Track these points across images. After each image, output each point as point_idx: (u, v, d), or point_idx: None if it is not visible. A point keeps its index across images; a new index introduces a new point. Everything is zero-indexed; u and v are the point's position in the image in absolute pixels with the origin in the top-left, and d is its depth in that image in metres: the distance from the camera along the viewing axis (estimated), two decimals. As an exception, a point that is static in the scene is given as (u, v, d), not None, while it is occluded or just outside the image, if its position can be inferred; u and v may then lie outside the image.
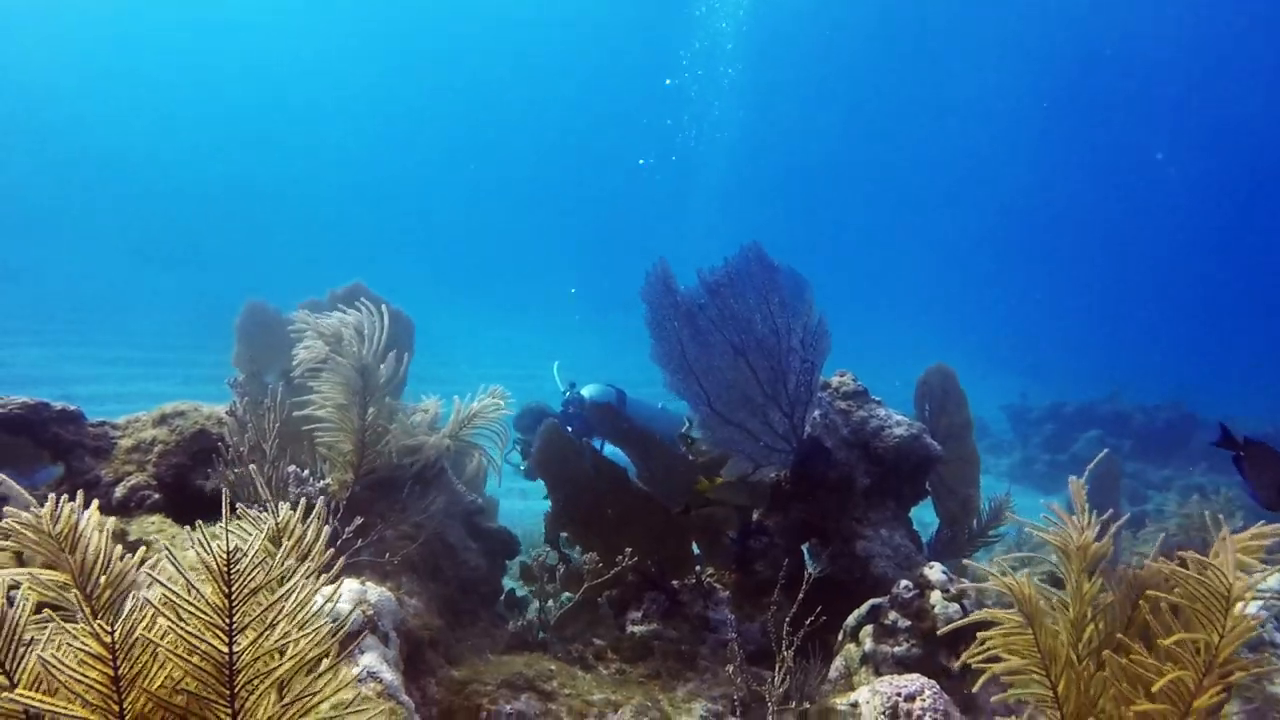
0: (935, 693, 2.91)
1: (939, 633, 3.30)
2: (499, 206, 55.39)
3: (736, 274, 3.59)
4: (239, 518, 3.19)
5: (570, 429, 5.52)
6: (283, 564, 1.47)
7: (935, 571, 3.77)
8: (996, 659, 2.32)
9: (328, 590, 1.56)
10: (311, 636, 1.41)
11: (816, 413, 4.29)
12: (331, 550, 1.72)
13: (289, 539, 1.65)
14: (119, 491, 3.84)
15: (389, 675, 2.51)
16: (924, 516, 4.90)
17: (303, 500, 1.74)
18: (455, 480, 3.95)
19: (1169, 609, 1.90)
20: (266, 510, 2.74)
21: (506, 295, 38.32)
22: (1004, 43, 42.81)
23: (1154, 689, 1.74)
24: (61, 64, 45.71)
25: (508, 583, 4.46)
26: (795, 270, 3.65)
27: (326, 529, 1.68)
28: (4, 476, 1.75)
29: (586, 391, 6.60)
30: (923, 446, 4.47)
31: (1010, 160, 50.43)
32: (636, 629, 3.97)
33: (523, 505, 8.30)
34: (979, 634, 2.20)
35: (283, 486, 3.00)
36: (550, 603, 3.72)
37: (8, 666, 1.35)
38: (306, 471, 2.99)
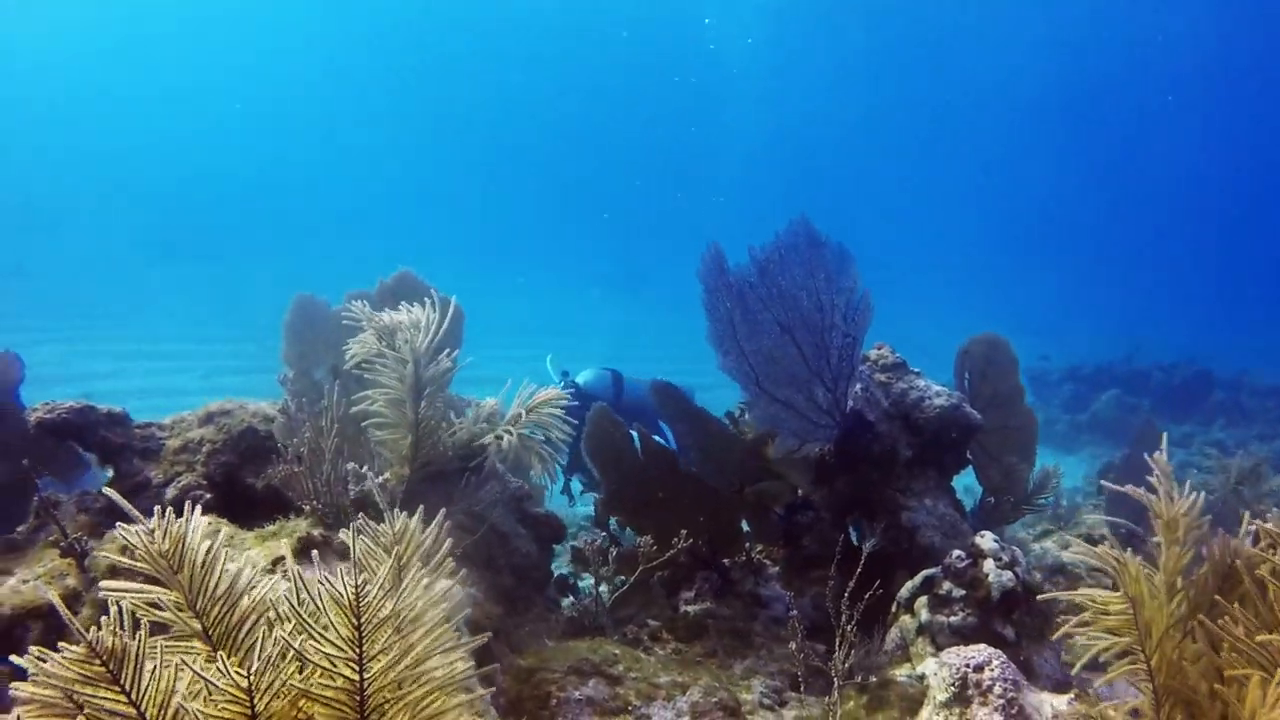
0: (1003, 662, 2.93)
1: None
2: (511, 180, 54.97)
3: (785, 249, 3.58)
4: (306, 516, 3.20)
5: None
6: (411, 595, 1.47)
7: (987, 540, 3.77)
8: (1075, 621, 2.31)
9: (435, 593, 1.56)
10: (446, 669, 1.42)
11: (858, 386, 4.28)
12: (450, 558, 1.72)
13: (410, 562, 1.64)
14: (170, 493, 3.86)
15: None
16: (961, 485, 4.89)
17: (420, 510, 1.74)
18: (502, 467, 3.95)
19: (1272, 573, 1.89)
20: (329, 507, 2.75)
21: (518, 272, 38.09)
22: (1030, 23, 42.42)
23: (1257, 640, 1.74)
24: (75, 61, 45.54)
25: (556, 567, 4.48)
26: (841, 244, 3.63)
27: (447, 542, 1.67)
28: (111, 491, 1.71)
29: (581, 378, 6.59)
30: (963, 416, 4.46)
31: (1024, 127, 49.95)
32: (690, 608, 3.99)
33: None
34: (1084, 608, 2.18)
35: (341, 484, 3.01)
36: (604, 586, 3.73)
37: (133, 696, 1.34)
38: (365, 468, 2.99)
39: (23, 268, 25.47)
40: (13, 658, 1.58)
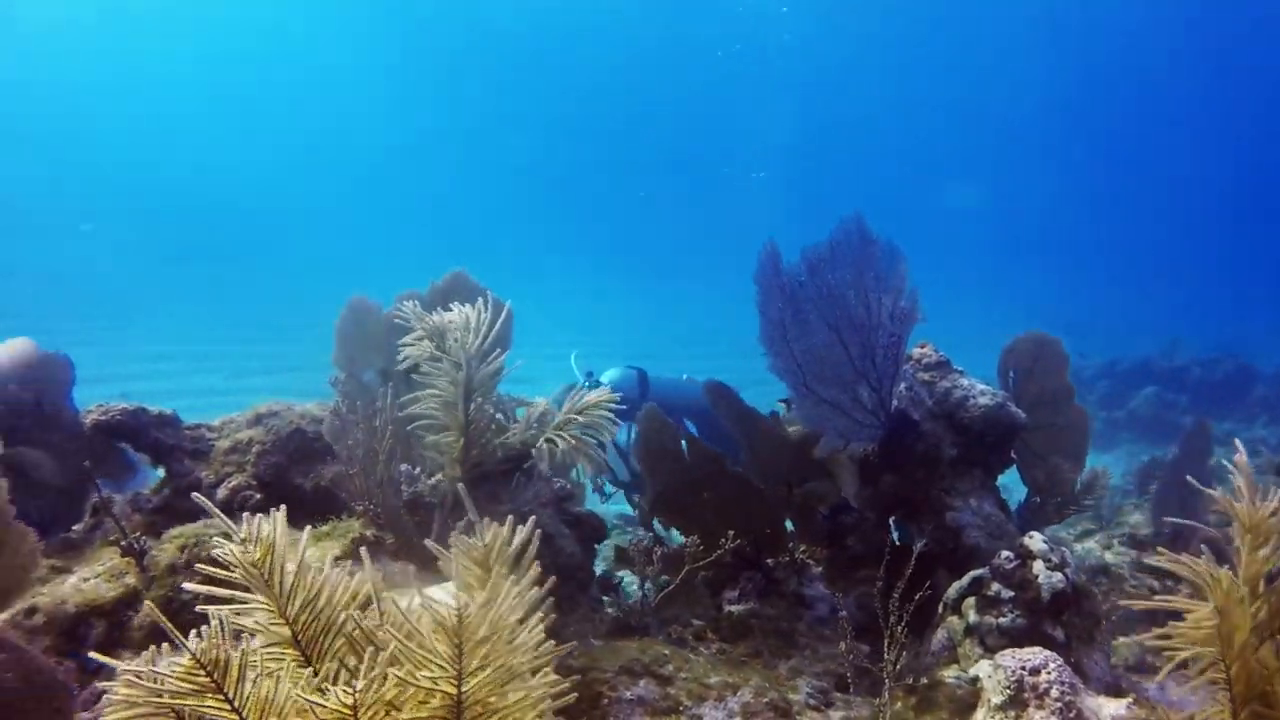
0: (1059, 665, 2.90)
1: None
2: (531, 174, 54.74)
3: (836, 248, 3.56)
4: (358, 516, 3.24)
5: None
6: (507, 616, 1.49)
7: (1036, 541, 3.73)
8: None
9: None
10: (539, 690, 1.44)
11: (902, 385, 4.26)
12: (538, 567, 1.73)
13: (499, 574, 1.65)
14: (221, 493, 3.92)
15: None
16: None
17: (510, 520, 1.75)
18: (546, 469, 3.97)
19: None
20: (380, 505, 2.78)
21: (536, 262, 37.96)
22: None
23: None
24: (98, 68, 46.28)
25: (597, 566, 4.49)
26: (892, 242, 3.61)
27: (534, 547, 1.68)
28: (202, 498, 1.73)
29: (606, 377, 6.57)
30: (1008, 415, 4.41)
31: (1060, 109, 49.12)
32: (734, 608, 3.99)
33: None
34: (1173, 623, 2.14)
35: (394, 485, 3.04)
36: (648, 585, 3.74)
37: (236, 703, 1.36)
38: (418, 469, 3.02)
39: (57, 272, 25.96)
40: (94, 655, 1.62)
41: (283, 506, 1.66)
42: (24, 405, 4.22)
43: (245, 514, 1.68)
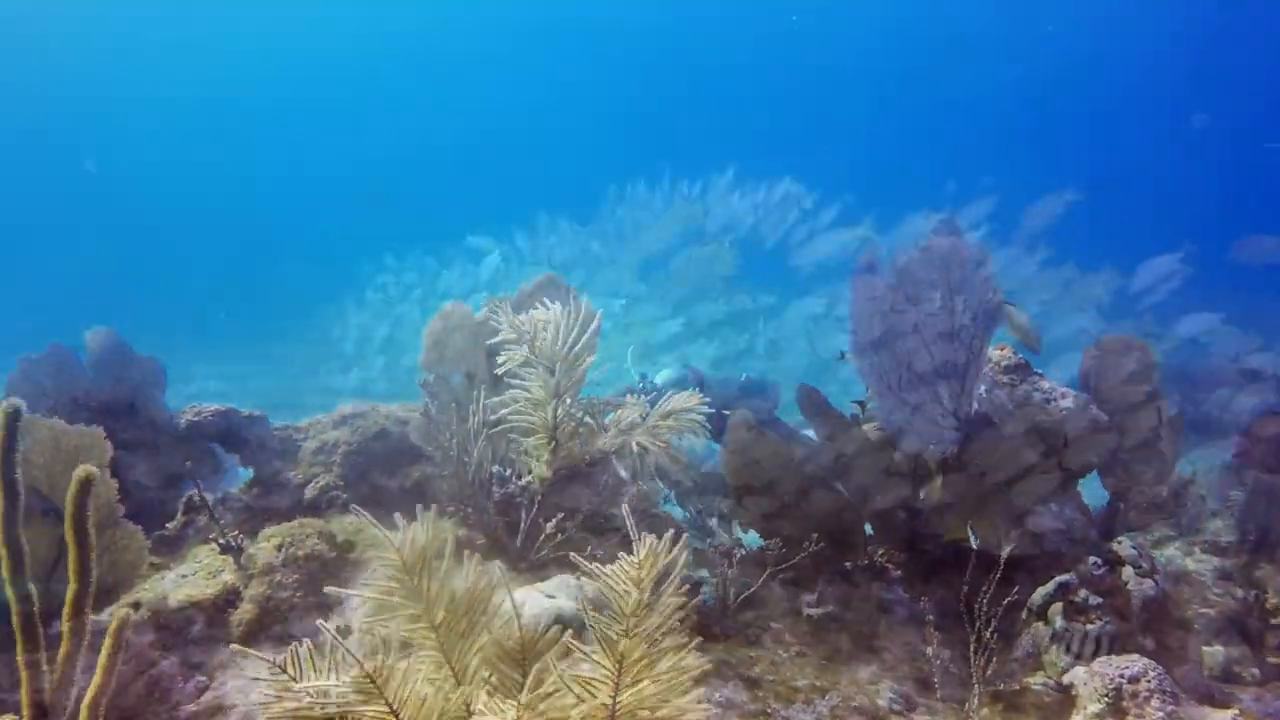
0: (1159, 673, 2.83)
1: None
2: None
3: (924, 250, 3.54)
4: (449, 517, 3.30)
5: None
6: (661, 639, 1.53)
7: (1125, 547, 3.67)
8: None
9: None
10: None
11: (981, 388, 4.20)
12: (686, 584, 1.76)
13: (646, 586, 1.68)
14: (309, 492, 4.03)
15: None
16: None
17: (669, 534, 1.79)
18: (625, 473, 4.00)
19: None
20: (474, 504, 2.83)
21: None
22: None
23: None
24: (127, 79, 47.37)
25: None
26: (979, 244, 3.57)
27: (680, 561, 1.71)
28: (360, 510, 1.78)
29: (660, 378, 6.58)
30: (1090, 419, 4.33)
31: (1128, 93, 47.43)
32: (813, 611, 3.97)
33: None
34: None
35: (485, 486, 3.09)
36: (730, 588, 3.75)
37: (394, 706, 1.40)
38: (510, 471, 3.07)
39: (131, 274, 26.89)
40: (234, 645, 1.68)
41: (434, 507, 1.69)
42: (120, 406, 4.38)
43: (403, 521, 1.71)
